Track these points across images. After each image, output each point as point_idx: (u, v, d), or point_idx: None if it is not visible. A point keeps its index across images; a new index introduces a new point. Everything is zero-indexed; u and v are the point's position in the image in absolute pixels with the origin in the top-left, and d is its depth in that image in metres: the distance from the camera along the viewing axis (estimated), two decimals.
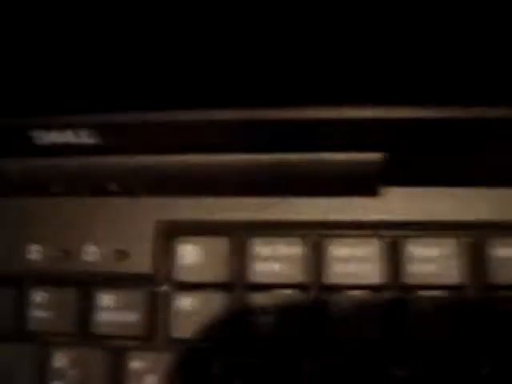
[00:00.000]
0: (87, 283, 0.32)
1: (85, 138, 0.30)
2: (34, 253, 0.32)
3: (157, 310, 0.31)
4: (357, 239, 0.30)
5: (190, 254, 0.31)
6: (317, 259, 0.30)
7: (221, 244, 0.31)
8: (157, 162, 0.31)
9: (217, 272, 0.31)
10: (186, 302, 0.31)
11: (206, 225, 0.31)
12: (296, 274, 0.30)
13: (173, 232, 0.31)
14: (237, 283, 0.31)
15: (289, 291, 0.30)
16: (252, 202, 0.31)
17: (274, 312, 0.30)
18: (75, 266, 0.32)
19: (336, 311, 0.30)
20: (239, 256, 0.31)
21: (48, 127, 0.30)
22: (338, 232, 0.31)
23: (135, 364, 0.30)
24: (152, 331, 0.31)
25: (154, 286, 0.31)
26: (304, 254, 0.30)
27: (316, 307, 0.30)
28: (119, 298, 0.31)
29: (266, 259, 0.30)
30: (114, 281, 0.31)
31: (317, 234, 0.31)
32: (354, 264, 0.30)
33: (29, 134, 0.30)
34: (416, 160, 0.29)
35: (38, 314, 0.32)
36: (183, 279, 0.31)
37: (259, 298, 0.30)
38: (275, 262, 0.30)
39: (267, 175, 0.30)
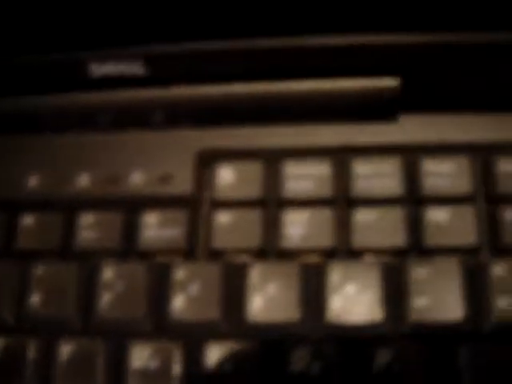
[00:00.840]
0: (134, 205, 0.35)
1: (137, 68, 0.33)
2: (85, 179, 0.35)
3: (198, 227, 0.34)
4: (378, 159, 0.34)
5: (227, 175, 0.34)
6: (343, 176, 0.34)
7: (256, 166, 0.34)
8: (199, 92, 0.34)
9: (252, 191, 0.34)
10: (224, 218, 0.34)
11: (242, 151, 0.35)
12: (324, 190, 0.33)
13: (212, 157, 0.35)
14: (271, 200, 0.34)
15: (318, 206, 0.33)
16: (283, 130, 0.35)
17: (303, 224, 0.33)
18: (123, 190, 0.35)
19: (361, 223, 0.33)
20: (272, 176, 0.34)
21: (104, 59, 0.33)
22: (361, 153, 0.34)
23: (179, 274, 0.33)
24: (194, 245, 0.34)
25: (196, 205, 0.34)
26: (331, 171, 0.34)
27: (343, 219, 0.33)
28: (164, 217, 0.34)
29: (298, 178, 0.34)
30: (159, 202, 0.34)
31: (342, 155, 0.34)
32: (376, 180, 0.33)
33: (84, 67, 0.33)
34: (430, 84, 0.33)
35: (88, 234, 0.34)
36: (221, 198, 0.34)
37: (290, 214, 0.33)
38: (305, 180, 0.34)
39: (296, 103, 0.34)
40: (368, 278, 0.31)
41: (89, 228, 0.34)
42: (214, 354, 0.31)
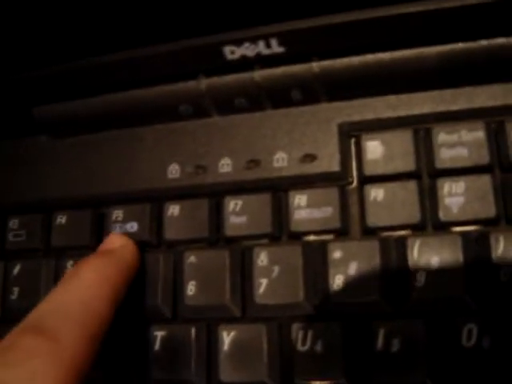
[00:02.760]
0: (280, 188, 0.34)
1: (274, 47, 0.32)
2: (226, 166, 0.34)
3: (349, 205, 0.33)
4: None
5: (375, 148, 0.33)
6: (500, 141, 0.32)
7: (405, 136, 0.33)
8: (337, 65, 0.33)
9: (404, 162, 0.33)
10: (377, 194, 0.32)
11: (387, 121, 0.33)
12: (481, 157, 0.32)
13: (357, 131, 0.34)
14: (425, 171, 0.32)
15: (475, 174, 0.32)
16: (430, 95, 0.33)
17: (462, 194, 0.31)
18: (266, 174, 0.34)
19: None
20: (424, 145, 0.33)
21: (241, 40, 0.32)
22: None
23: (336, 254, 0.32)
24: (347, 224, 0.33)
25: (344, 182, 0.33)
26: (487, 137, 0.32)
27: (504, 186, 0.31)
28: (312, 197, 0.33)
29: (452, 146, 0.32)
30: (305, 182, 0.34)
31: (497, 118, 0.32)
32: None
33: (221, 49, 0.32)
34: None
35: (237, 219, 0.34)
36: (372, 173, 0.33)
37: (447, 184, 0.32)
38: (460, 147, 0.32)
39: (441, 66, 0.32)
40: None
41: (237, 213, 0.34)
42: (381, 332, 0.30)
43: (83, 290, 0.29)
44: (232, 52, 0.32)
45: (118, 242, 0.33)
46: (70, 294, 0.29)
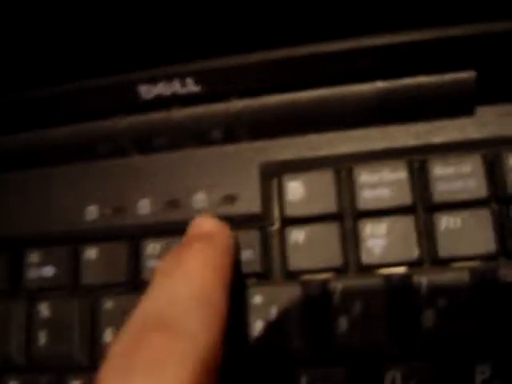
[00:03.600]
0: None
1: (191, 86, 0.31)
2: (145, 207, 0.33)
3: (271, 248, 0.32)
4: (459, 158, 0.31)
5: (297, 189, 0.32)
6: (422, 180, 0.31)
7: (327, 176, 0.32)
8: (258, 104, 0.32)
9: (325, 204, 0.32)
10: (299, 236, 0.31)
11: (310, 161, 0.32)
12: (403, 197, 0.31)
13: (279, 171, 0.33)
14: (347, 212, 0.32)
15: (398, 215, 0.31)
16: (352, 135, 0.32)
17: (386, 236, 0.31)
18: (187, 215, 0.33)
19: (446, 229, 0.30)
20: (347, 186, 0.32)
21: (155, 79, 0.31)
22: (440, 153, 0.31)
23: (257, 299, 0.31)
24: (268, 267, 0.32)
25: (266, 224, 0.32)
26: (409, 177, 0.31)
27: (426, 228, 0.31)
28: None
29: (374, 186, 0.31)
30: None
31: (420, 157, 0.31)
32: (460, 181, 0.31)
33: (136, 88, 0.31)
34: (507, 76, 0.30)
35: (154, 264, 0.33)
36: (294, 214, 0.32)
37: (369, 225, 0.31)
38: (382, 187, 0.31)
39: (362, 105, 0.31)
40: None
41: (157, 257, 0.33)
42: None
43: (194, 280, 0.26)
44: (147, 91, 0.31)
45: (210, 226, 0.30)
46: (182, 285, 0.26)
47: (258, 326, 0.31)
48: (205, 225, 0.30)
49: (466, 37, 0.29)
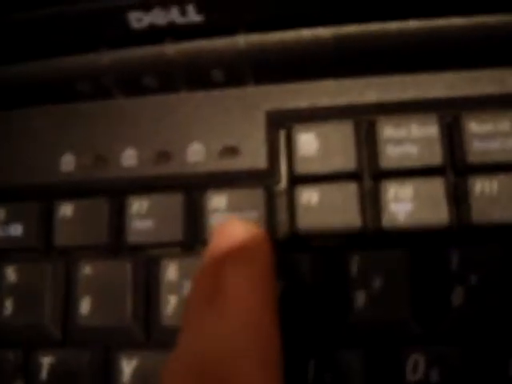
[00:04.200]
0: (194, 186, 0.28)
1: (191, 15, 0.26)
2: (130, 158, 0.28)
3: (277, 209, 0.28)
4: (499, 114, 0.27)
5: (310, 143, 0.28)
6: (455, 138, 0.27)
7: (345, 129, 0.28)
8: (268, 40, 0.27)
9: (343, 161, 0.27)
10: (311, 197, 0.27)
11: (325, 110, 0.28)
12: (433, 156, 0.27)
13: (288, 121, 0.28)
14: (367, 171, 0.27)
15: (426, 176, 0.27)
16: (376, 82, 0.28)
17: (411, 199, 0.26)
18: (178, 169, 0.28)
19: (481, 195, 0.26)
20: (367, 140, 0.27)
21: (149, 5, 0.26)
22: (476, 107, 0.27)
23: None
24: (274, 232, 0.27)
25: (272, 182, 0.28)
26: (441, 133, 0.27)
27: (459, 191, 0.27)
28: (233, 199, 0.28)
29: (399, 142, 0.27)
30: (224, 181, 0.28)
31: (453, 111, 0.27)
32: (498, 140, 0.27)
33: (125, 16, 0.26)
34: None
35: (139, 224, 0.28)
36: (305, 172, 0.27)
37: (393, 186, 0.27)
38: (409, 144, 0.27)
39: (391, 48, 0.27)
40: None
41: (143, 216, 0.28)
42: None
43: (246, 315, 0.21)
44: (138, 20, 0.26)
45: (245, 237, 0.24)
46: (232, 322, 0.21)
47: None
48: (239, 235, 0.23)
49: None
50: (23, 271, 0.29)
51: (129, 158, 0.29)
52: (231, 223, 0.24)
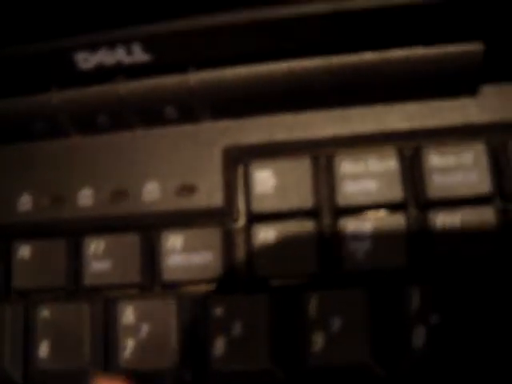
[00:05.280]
0: (151, 226, 0.28)
1: (138, 54, 0.25)
2: (87, 198, 0.28)
3: (235, 248, 0.27)
4: (459, 146, 0.26)
5: (267, 180, 0.27)
6: (415, 172, 0.26)
7: (303, 165, 0.27)
8: (220, 77, 0.26)
9: (301, 198, 0.27)
10: (268, 235, 0.26)
11: (282, 145, 0.27)
12: (393, 192, 0.26)
13: (245, 157, 0.27)
14: (325, 208, 0.27)
15: (386, 212, 0.26)
16: (334, 115, 0.27)
17: (370, 237, 0.26)
18: (135, 208, 0.27)
19: (444, 230, 0.25)
20: (325, 177, 0.27)
21: (95, 46, 0.25)
22: (436, 140, 0.26)
23: (218, 311, 0.26)
24: (232, 272, 0.27)
25: (229, 220, 0.27)
26: (400, 167, 0.26)
27: (419, 227, 0.26)
28: (190, 239, 0.27)
29: (357, 178, 0.26)
30: (181, 220, 0.27)
31: (413, 144, 0.26)
32: (459, 174, 0.26)
33: (71, 56, 0.26)
34: None
35: (96, 265, 0.27)
36: (262, 210, 0.27)
37: (352, 223, 0.26)
38: (368, 179, 0.26)
39: (347, 80, 0.26)
40: None
41: (99, 257, 0.27)
42: None
43: None
44: (85, 60, 0.25)
45: None
46: None
47: (219, 344, 0.26)
48: None
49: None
50: None
51: (85, 197, 0.28)
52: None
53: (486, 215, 0.26)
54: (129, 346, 0.27)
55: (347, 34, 0.25)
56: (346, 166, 0.26)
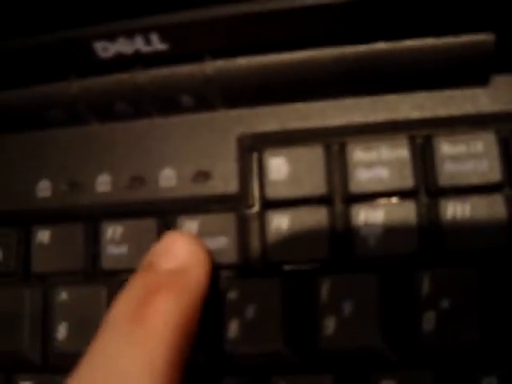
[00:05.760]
0: (167, 211, 0.28)
1: (156, 43, 0.26)
2: (105, 184, 0.29)
3: (249, 234, 0.27)
4: (470, 135, 0.26)
5: (281, 167, 0.28)
6: (427, 160, 0.27)
7: (315, 153, 0.27)
8: (235, 66, 0.27)
9: (314, 185, 0.27)
10: (282, 222, 0.27)
11: (296, 133, 0.28)
12: (404, 179, 0.27)
13: (259, 145, 0.28)
14: (337, 195, 0.27)
15: (397, 200, 0.26)
16: (346, 104, 0.28)
17: (382, 224, 0.26)
18: (151, 194, 0.28)
19: (454, 218, 0.26)
20: (338, 164, 0.27)
21: (114, 35, 0.26)
22: (447, 129, 0.27)
23: (232, 294, 0.27)
24: (246, 257, 0.27)
25: (244, 207, 0.28)
26: (412, 155, 0.27)
27: (430, 215, 0.26)
28: (205, 224, 0.28)
29: (369, 165, 0.27)
30: (197, 206, 0.28)
31: (424, 132, 0.27)
32: (469, 162, 0.26)
33: (91, 45, 0.26)
34: None
35: (114, 249, 0.28)
36: (276, 196, 0.27)
37: (363, 210, 0.27)
38: (380, 167, 0.27)
39: (359, 70, 0.26)
40: None
41: (117, 241, 0.28)
42: None
43: (154, 350, 0.21)
44: (105, 49, 0.26)
45: (189, 256, 0.25)
46: (136, 355, 0.21)
47: (233, 326, 0.26)
48: (179, 253, 0.24)
49: None
50: (2, 297, 0.29)
51: (103, 183, 0.29)
52: (175, 239, 0.24)
53: (495, 203, 0.26)
54: None
55: (359, 24, 0.25)
56: (358, 153, 0.27)
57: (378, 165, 0.27)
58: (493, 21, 0.25)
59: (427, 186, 0.27)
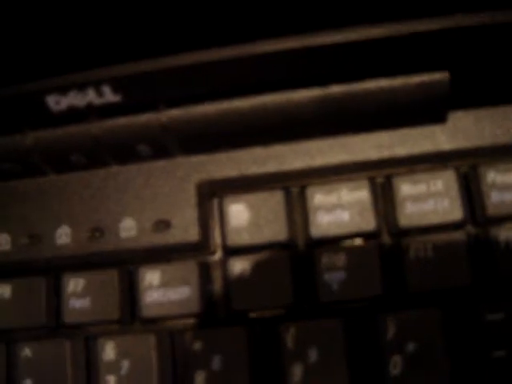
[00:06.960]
0: (128, 262, 0.28)
1: (109, 95, 0.26)
2: (64, 235, 0.28)
3: (212, 282, 0.27)
4: (429, 173, 0.26)
5: (241, 213, 0.27)
6: (387, 200, 0.26)
7: (275, 198, 0.27)
8: (190, 114, 0.27)
9: (275, 230, 0.27)
10: (244, 268, 0.27)
11: (255, 179, 0.27)
12: (365, 221, 0.26)
13: (219, 191, 0.28)
14: (299, 240, 0.27)
15: (359, 242, 0.26)
16: (303, 147, 0.27)
17: (345, 268, 0.26)
18: (112, 245, 0.28)
19: (416, 258, 0.26)
20: (298, 209, 0.27)
21: (65, 88, 0.25)
22: (407, 168, 0.27)
23: (197, 345, 0.26)
24: (209, 306, 0.27)
25: (205, 254, 0.27)
26: (372, 196, 0.26)
27: (393, 256, 0.26)
28: (167, 274, 0.27)
29: (330, 208, 0.26)
30: (158, 255, 0.28)
31: (384, 172, 0.27)
32: (430, 201, 0.26)
33: (43, 99, 0.26)
34: (482, 76, 0.25)
35: (76, 303, 0.28)
36: (238, 243, 0.27)
37: (325, 254, 0.26)
38: (340, 210, 0.26)
39: (314, 113, 0.26)
40: None
41: (79, 294, 0.28)
42: None
43: None
44: (57, 102, 0.26)
45: None
46: None
47: (199, 378, 0.26)
48: None
49: (437, 32, 0.24)
50: None
51: (63, 235, 0.28)
52: None
53: (458, 241, 0.26)
54: (111, 382, 0.27)
55: (313, 69, 0.25)
56: (319, 197, 0.27)
57: (338, 208, 0.26)
58: (446, 60, 0.25)
59: (389, 226, 0.26)
